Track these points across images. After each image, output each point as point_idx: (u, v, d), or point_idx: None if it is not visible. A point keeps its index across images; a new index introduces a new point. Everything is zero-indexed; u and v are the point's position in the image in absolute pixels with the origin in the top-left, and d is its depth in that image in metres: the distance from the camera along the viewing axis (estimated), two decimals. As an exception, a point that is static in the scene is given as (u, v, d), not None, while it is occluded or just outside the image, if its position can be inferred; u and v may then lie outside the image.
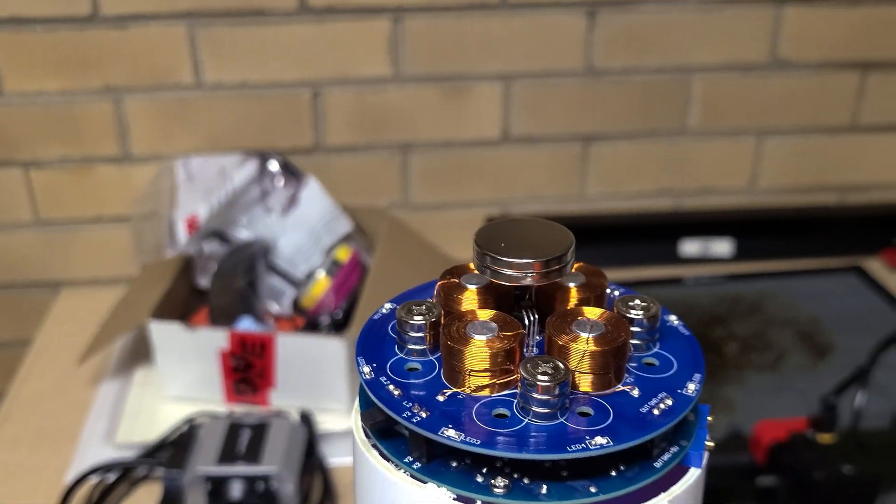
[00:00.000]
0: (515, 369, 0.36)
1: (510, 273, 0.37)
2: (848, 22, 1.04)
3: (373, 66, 1.01)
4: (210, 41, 0.98)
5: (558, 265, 0.37)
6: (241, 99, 1.00)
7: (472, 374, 0.36)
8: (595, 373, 0.36)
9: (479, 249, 0.37)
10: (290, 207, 0.98)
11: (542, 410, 0.35)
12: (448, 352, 0.36)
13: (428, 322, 0.38)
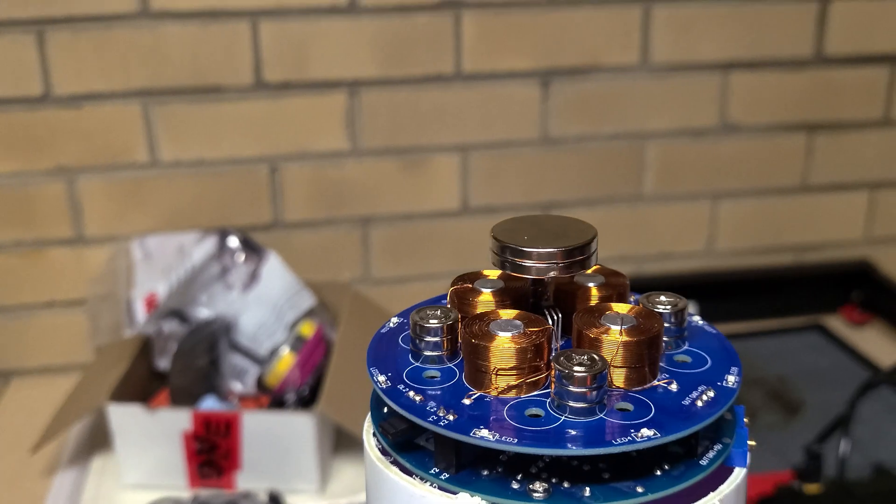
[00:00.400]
0: (545, 367, 0.33)
1: (533, 265, 0.34)
2: (793, 86, 1.05)
3: (330, 141, 0.99)
4: (166, 119, 0.95)
5: (582, 255, 0.34)
6: (198, 176, 0.97)
7: (499, 374, 0.33)
8: (630, 366, 0.33)
9: (498, 243, 0.34)
10: (251, 283, 0.94)
11: (580, 405, 0.32)
12: (471, 351, 0.33)
13: (445, 325, 0.35)
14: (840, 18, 1.03)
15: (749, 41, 1.02)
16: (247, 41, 0.94)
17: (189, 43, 0.93)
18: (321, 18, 0.95)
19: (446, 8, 0.96)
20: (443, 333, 0.35)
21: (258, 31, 0.94)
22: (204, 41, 0.93)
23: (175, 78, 0.94)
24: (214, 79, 0.95)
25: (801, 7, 1.02)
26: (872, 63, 1.05)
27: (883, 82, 1.06)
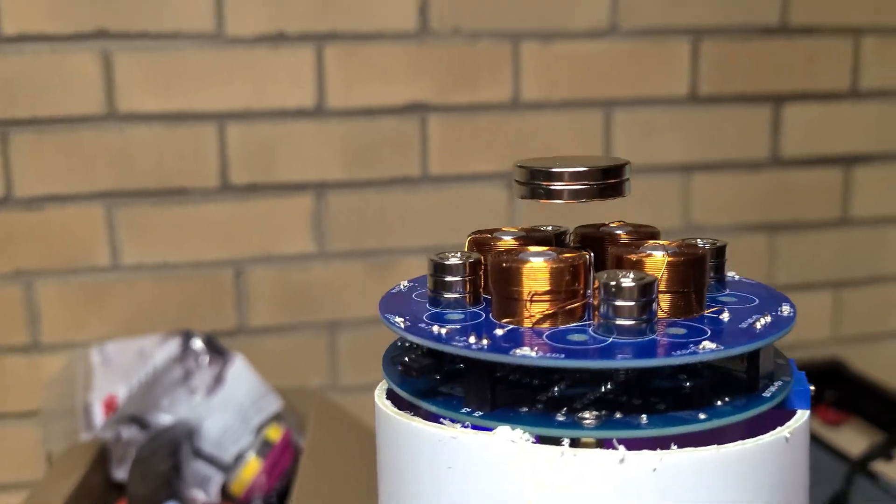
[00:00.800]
0: (583, 293, 0.29)
1: (565, 188, 0.30)
2: (753, 187, 1.05)
3: (296, 243, 0.95)
4: (129, 221, 0.91)
5: (617, 178, 0.31)
6: (161, 280, 0.93)
7: (534, 301, 0.29)
8: (678, 290, 0.29)
9: (526, 170, 0.31)
10: (215, 387, 0.88)
11: (629, 323, 0.28)
12: (501, 277, 0.29)
13: (467, 263, 0.31)
14: (793, 122, 1.04)
15: (708, 144, 1.02)
16: (213, 143, 0.92)
17: (155, 145, 0.91)
18: (288, 121, 0.93)
19: (413, 111, 0.96)
20: (465, 272, 0.31)
21: (225, 134, 0.92)
22: (170, 143, 0.91)
23: (140, 180, 0.91)
24: (180, 181, 0.92)
25: (756, 111, 1.03)
26: (827, 164, 1.06)
27: (838, 183, 1.07)
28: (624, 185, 0.31)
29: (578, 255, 0.29)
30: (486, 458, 0.27)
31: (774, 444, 0.28)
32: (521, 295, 0.29)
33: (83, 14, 0.88)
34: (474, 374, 0.28)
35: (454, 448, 0.27)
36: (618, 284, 0.27)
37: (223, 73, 0.92)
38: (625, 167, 0.31)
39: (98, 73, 0.89)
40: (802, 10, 1.02)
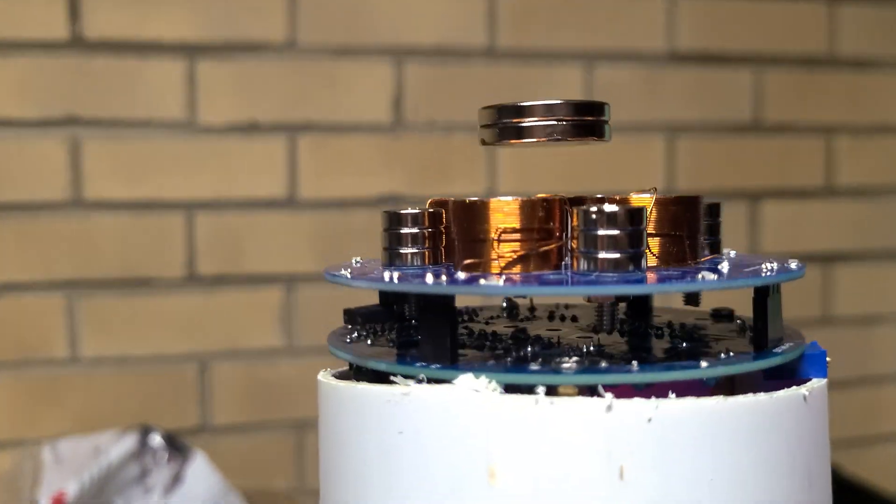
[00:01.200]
0: (559, 234, 0.25)
1: (535, 124, 0.26)
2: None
3: (264, 337, 0.90)
4: (90, 312, 0.86)
5: (594, 116, 0.27)
6: (121, 374, 0.87)
7: (502, 240, 0.24)
8: (668, 234, 0.25)
9: (492, 110, 0.27)
10: (173, 486, 0.81)
11: (613, 257, 0.23)
12: (465, 215, 0.25)
13: (425, 212, 0.26)
14: (770, 219, 1.02)
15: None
16: (181, 233, 0.88)
17: (120, 234, 0.87)
18: (259, 211, 0.90)
19: (386, 203, 0.92)
20: (423, 223, 0.26)
21: (193, 223, 0.88)
22: (136, 232, 0.87)
23: (103, 269, 0.86)
24: (144, 271, 0.87)
25: (733, 208, 1.01)
26: (805, 262, 1.03)
27: (818, 281, 1.03)
28: (603, 126, 0.27)
29: (552, 197, 0.25)
30: (444, 414, 0.22)
31: (791, 401, 0.23)
32: (488, 234, 0.24)
33: (53, 99, 0.86)
34: (431, 318, 0.23)
35: (406, 408, 0.22)
36: (600, 210, 0.23)
37: (194, 161, 0.88)
38: (604, 106, 0.27)
39: (65, 160, 0.86)
40: (775, 107, 1.01)
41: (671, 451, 0.21)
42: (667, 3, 1.00)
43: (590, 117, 0.26)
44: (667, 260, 0.25)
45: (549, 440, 0.21)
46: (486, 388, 0.21)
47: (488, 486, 0.21)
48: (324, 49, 0.92)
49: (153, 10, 0.89)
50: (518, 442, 0.21)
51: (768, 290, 0.24)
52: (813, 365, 0.25)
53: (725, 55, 1.01)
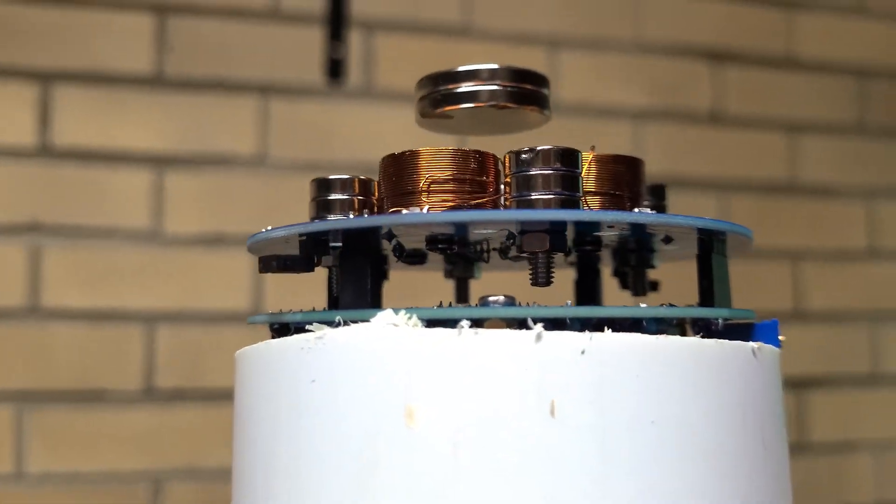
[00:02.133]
0: (493, 189, 0.23)
1: (473, 88, 0.25)
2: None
3: (223, 456, 0.86)
4: (40, 425, 0.82)
5: (536, 86, 0.25)
6: (69, 493, 0.82)
7: (433, 192, 0.23)
8: (608, 192, 0.23)
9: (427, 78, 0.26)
10: None
11: (548, 196, 0.21)
12: (394, 167, 0.23)
13: (356, 179, 0.25)
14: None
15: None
16: (139, 345, 0.85)
17: (77, 344, 0.84)
18: (220, 325, 0.87)
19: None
20: (352, 189, 0.25)
21: (154, 335, 0.86)
22: (93, 343, 0.84)
23: (57, 380, 0.83)
24: (100, 383, 0.84)
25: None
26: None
27: (792, 407, 1.01)
28: (544, 98, 0.25)
29: (488, 153, 0.24)
30: (359, 355, 0.19)
31: (739, 352, 0.21)
32: (417, 184, 0.22)
33: (17, 206, 0.84)
34: (350, 258, 0.21)
35: (320, 354, 0.20)
36: (532, 149, 0.21)
37: (157, 272, 0.87)
38: (545, 78, 0.26)
39: (24, 267, 0.84)
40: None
41: (608, 387, 0.19)
42: (633, 128, 1.01)
43: (530, 86, 0.25)
44: None
45: (473, 375, 0.19)
46: (406, 323, 0.19)
47: (406, 430, 0.18)
48: (293, 164, 0.93)
49: (123, 120, 0.89)
50: (439, 379, 0.19)
51: (712, 244, 0.22)
52: (764, 336, 0.23)
53: (690, 180, 1.03)
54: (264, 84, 0.90)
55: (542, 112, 0.25)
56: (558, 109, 0.98)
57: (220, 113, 0.89)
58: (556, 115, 0.90)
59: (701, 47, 1.01)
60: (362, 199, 0.24)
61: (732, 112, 1.02)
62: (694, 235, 0.22)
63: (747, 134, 1.03)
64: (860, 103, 1.08)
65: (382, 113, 0.94)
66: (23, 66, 0.85)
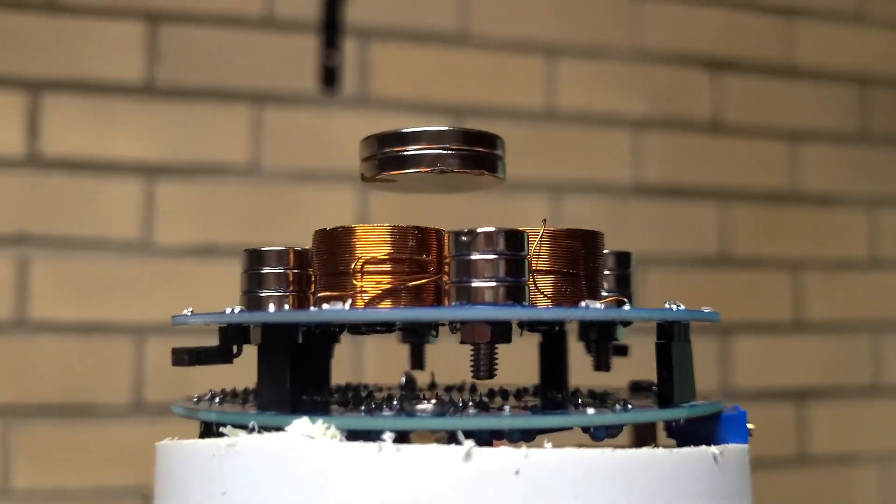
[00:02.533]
0: (435, 265, 0.21)
1: (420, 151, 0.23)
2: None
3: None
4: (26, 440, 0.80)
5: (487, 148, 0.23)
6: (56, 508, 0.80)
7: (366, 272, 0.20)
8: (561, 270, 0.21)
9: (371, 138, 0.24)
10: None
11: (490, 285, 0.19)
12: (327, 244, 0.21)
13: (291, 251, 0.23)
14: (742, 354, 0.98)
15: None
16: (128, 358, 0.83)
17: (64, 357, 0.82)
18: (212, 338, 0.85)
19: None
20: (287, 262, 0.22)
21: (143, 348, 0.84)
22: (81, 356, 0.82)
23: (43, 394, 0.81)
24: (88, 397, 0.82)
25: (703, 343, 0.97)
26: (778, 398, 0.98)
27: (791, 419, 0.98)
28: (496, 161, 0.23)
29: (431, 229, 0.21)
30: (272, 468, 0.17)
31: (699, 460, 0.18)
32: (351, 265, 0.20)
33: (5, 216, 0.83)
34: (268, 356, 0.19)
35: (232, 462, 0.18)
36: (471, 231, 0.19)
37: (147, 283, 0.85)
38: (497, 140, 0.23)
39: (11, 279, 0.82)
40: (742, 241, 0.99)
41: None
42: (632, 137, 0.99)
43: (481, 148, 0.23)
44: (559, 300, 0.21)
45: (395, 497, 0.16)
46: (324, 434, 0.17)
47: (322, 555, 0.16)
48: (287, 173, 0.91)
49: (114, 129, 0.87)
50: (358, 498, 0.16)
51: (673, 332, 0.20)
52: (731, 429, 0.21)
53: (690, 189, 1.00)
54: (258, 92, 0.88)
55: (495, 175, 0.23)
56: (556, 118, 0.96)
57: (213, 121, 0.87)
58: (554, 124, 0.88)
59: (700, 55, 0.99)
60: (298, 273, 0.22)
61: (733, 120, 1.00)
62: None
63: (748, 142, 1.00)
64: (862, 111, 1.05)
65: (378, 121, 0.92)
66: (12, 74, 0.83)
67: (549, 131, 0.95)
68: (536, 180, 0.94)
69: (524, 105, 0.95)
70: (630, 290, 0.24)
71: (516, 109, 0.95)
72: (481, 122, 0.92)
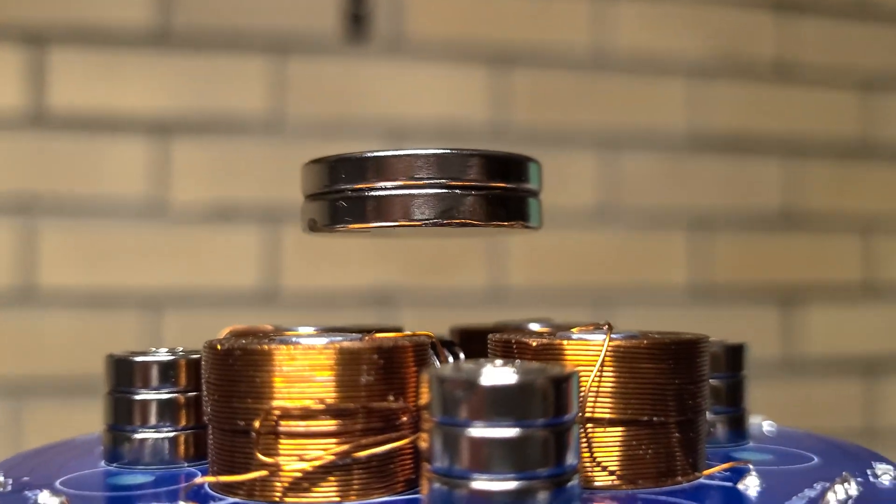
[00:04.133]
0: (413, 415, 0.11)
1: (411, 192, 0.13)
2: (763, 390, 0.87)
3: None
4: (37, 416, 0.74)
5: (515, 182, 0.13)
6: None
7: (283, 434, 0.11)
8: (632, 419, 0.11)
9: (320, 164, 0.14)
10: None
11: (502, 487, 0.10)
12: (219, 372, 0.11)
13: (180, 363, 0.13)
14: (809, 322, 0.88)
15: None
16: (141, 329, 0.76)
17: (74, 328, 0.75)
18: (230, 305, 0.77)
19: (372, 299, 0.80)
20: (176, 380, 0.13)
21: (158, 317, 0.76)
22: (91, 327, 0.75)
23: (52, 368, 0.74)
24: (100, 370, 0.74)
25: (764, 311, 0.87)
26: (848, 369, 0.88)
27: (858, 393, 0.88)
28: (530, 201, 0.13)
29: (405, 336, 0.12)
30: None
31: None
32: (251, 423, 0.11)
33: (9, 178, 0.75)
34: None
35: None
36: (469, 381, 0.10)
37: (161, 248, 0.77)
38: (529, 166, 0.14)
39: (18, 247, 0.74)
40: (808, 198, 0.88)
41: None
42: (690, 84, 0.88)
43: (508, 184, 0.13)
44: (632, 478, 0.11)
45: None
46: None
47: None
48: (312, 127, 0.81)
49: (124, 82, 0.78)
50: None
51: None
52: None
53: (754, 139, 0.89)
54: (280, 39, 0.79)
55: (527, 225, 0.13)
56: (611, 63, 0.85)
57: (231, 72, 0.78)
58: (608, 70, 0.77)
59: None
60: (196, 395, 0.12)
61: (799, 65, 0.89)
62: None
63: (816, 90, 0.89)
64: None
65: (411, 69, 0.82)
66: (13, 25, 0.75)
67: (597, 78, 0.84)
68: (584, 133, 0.83)
69: (572, 49, 0.84)
70: (743, 406, 0.14)
71: (563, 54, 0.84)
72: (525, 70, 0.82)
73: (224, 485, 0.11)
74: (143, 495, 0.12)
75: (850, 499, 0.11)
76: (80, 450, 0.15)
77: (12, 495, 0.12)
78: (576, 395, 0.10)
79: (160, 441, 0.13)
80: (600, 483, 0.11)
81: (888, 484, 0.12)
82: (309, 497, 0.11)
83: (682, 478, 0.12)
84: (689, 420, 0.12)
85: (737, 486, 0.12)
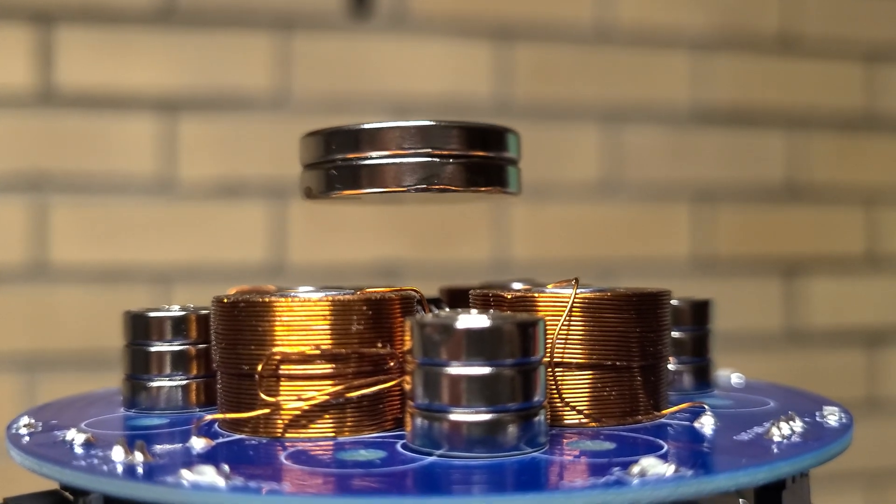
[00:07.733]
0: (399, 360, 0.13)
1: (397, 161, 0.14)
2: (767, 364, 0.88)
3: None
4: (51, 390, 0.75)
5: (494, 150, 0.15)
6: None
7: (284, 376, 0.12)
8: (598, 363, 0.13)
9: (317, 136, 0.15)
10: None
11: (479, 419, 0.11)
12: (226, 323, 0.13)
13: (191, 318, 0.15)
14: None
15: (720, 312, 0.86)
16: (150, 303, 0.77)
17: (85, 303, 0.76)
18: (239, 280, 0.79)
19: (380, 272, 0.81)
20: (186, 332, 0.14)
21: (168, 292, 0.77)
22: (103, 302, 0.76)
23: (64, 343, 0.75)
24: (113, 343, 0.76)
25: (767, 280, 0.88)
26: (850, 340, 0.89)
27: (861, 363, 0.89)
28: (508, 168, 0.15)
29: (392, 291, 0.13)
30: None
31: None
32: (254, 365, 0.12)
33: (17, 156, 0.76)
34: None
35: None
36: (445, 325, 0.11)
37: (170, 223, 0.78)
38: (508, 136, 0.15)
39: (29, 224, 0.76)
40: (812, 170, 0.89)
41: None
42: (693, 56, 0.88)
43: (487, 152, 0.14)
44: (598, 416, 0.13)
45: None
46: None
47: None
48: (318, 102, 0.82)
49: (131, 61, 0.79)
50: None
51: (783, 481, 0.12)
52: None
53: (757, 111, 0.90)
54: (285, 15, 0.79)
55: (505, 191, 0.14)
56: (614, 36, 0.85)
57: (237, 49, 0.79)
58: (611, 43, 0.77)
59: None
60: (206, 347, 0.14)
61: (804, 37, 0.89)
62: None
63: (820, 61, 0.89)
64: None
65: (416, 43, 0.83)
66: (21, 4, 0.76)
67: (601, 52, 0.85)
68: (588, 106, 0.84)
69: (575, 23, 0.85)
70: (710, 356, 0.16)
71: (567, 28, 0.85)
72: (528, 44, 0.83)
73: (231, 422, 0.13)
74: (159, 434, 0.13)
75: (793, 434, 0.12)
76: (101, 400, 0.17)
77: (43, 434, 0.13)
78: (542, 340, 0.11)
79: (174, 388, 0.14)
80: (569, 421, 0.13)
81: (834, 423, 0.14)
82: (307, 433, 0.12)
83: (643, 417, 0.13)
84: (650, 365, 0.13)
85: (693, 425, 0.13)
